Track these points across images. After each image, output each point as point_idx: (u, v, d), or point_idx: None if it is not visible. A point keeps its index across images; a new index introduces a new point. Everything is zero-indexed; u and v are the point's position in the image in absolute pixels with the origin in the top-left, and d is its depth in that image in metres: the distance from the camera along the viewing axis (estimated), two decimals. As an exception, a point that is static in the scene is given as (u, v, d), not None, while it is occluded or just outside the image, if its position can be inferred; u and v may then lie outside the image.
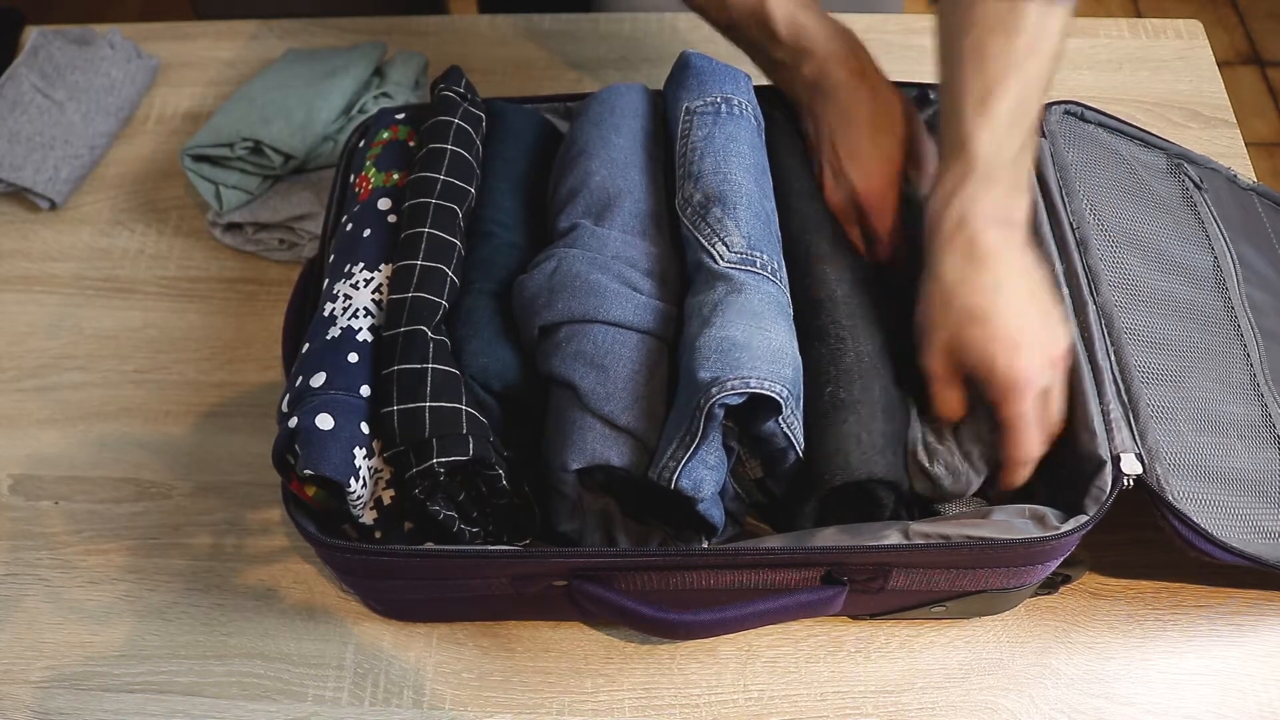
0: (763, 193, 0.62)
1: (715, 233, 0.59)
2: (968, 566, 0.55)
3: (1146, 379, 0.59)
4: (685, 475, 0.53)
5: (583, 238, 0.60)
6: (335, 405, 0.54)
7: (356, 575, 0.59)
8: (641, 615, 0.55)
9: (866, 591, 0.57)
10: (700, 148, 0.63)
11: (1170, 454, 0.56)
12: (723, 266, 0.57)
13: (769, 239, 0.60)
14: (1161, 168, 0.72)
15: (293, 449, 0.53)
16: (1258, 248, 0.71)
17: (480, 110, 0.68)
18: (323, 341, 0.58)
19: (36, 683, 0.63)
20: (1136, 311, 0.62)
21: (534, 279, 0.59)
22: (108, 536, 0.69)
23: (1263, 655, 0.62)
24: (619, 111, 0.67)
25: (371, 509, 0.56)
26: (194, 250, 0.82)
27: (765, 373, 0.52)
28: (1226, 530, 0.56)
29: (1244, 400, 0.62)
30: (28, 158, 0.84)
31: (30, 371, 0.77)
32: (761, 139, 0.66)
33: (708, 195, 0.60)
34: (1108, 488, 0.54)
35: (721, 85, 0.66)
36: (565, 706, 0.61)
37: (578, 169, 0.64)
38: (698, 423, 0.52)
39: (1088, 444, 0.56)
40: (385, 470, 0.56)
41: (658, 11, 0.95)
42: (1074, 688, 0.61)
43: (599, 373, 0.56)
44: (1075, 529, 0.53)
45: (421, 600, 0.61)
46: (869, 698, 0.61)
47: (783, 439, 0.54)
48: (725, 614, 0.55)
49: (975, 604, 0.60)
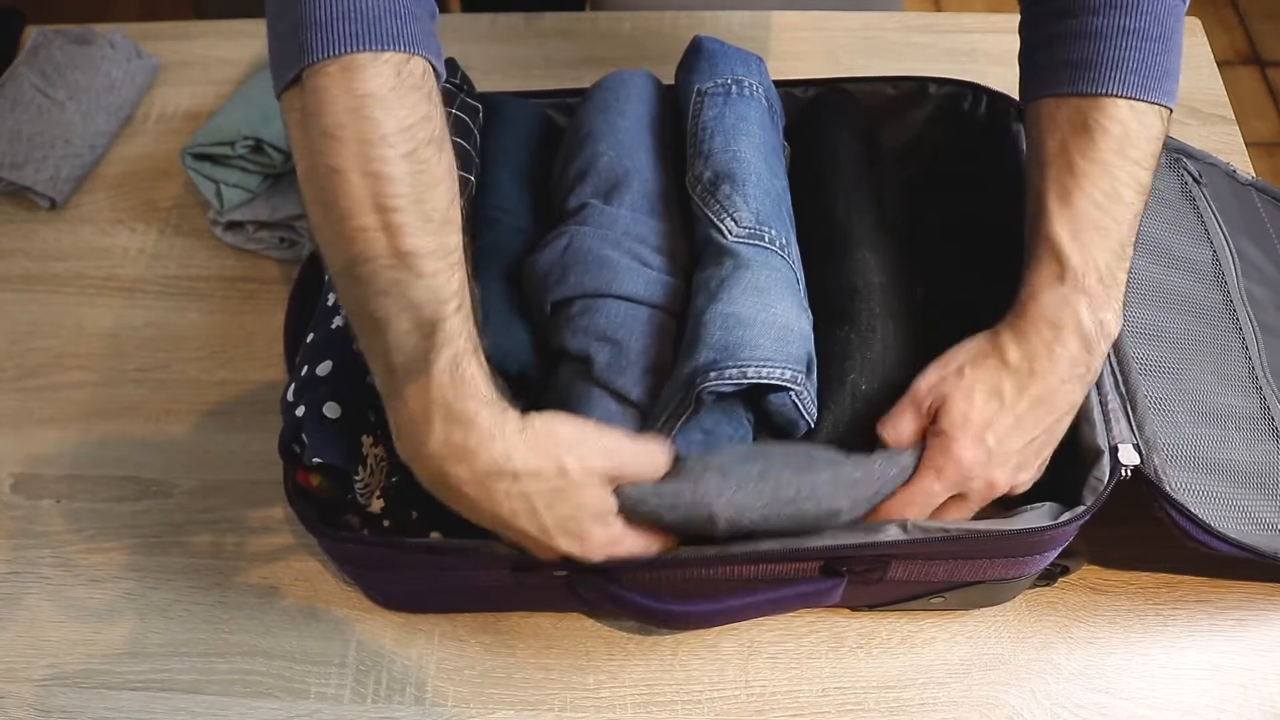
0: (772, 171, 0.63)
1: (724, 208, 0.59)
2: (966, 557, 0.55)
3: (1144, 371, 0.59)
4: (679, 440, 0.53)
5: (593, 216, 0.61)
6: (342, 394, 0.54)
7: (358, 566, 0.59)
8: (641, 606, 0.55)
9: (866, 583, 0.58)
10: (711, 127, 0.63)
11: (1168, 445, 0.56)
12: (731, 241, 0.58)
13: (778, 216, 0.60)
14: (1160, 162, 0.72)
15: (299, 438, 0.53)
16: (1257, 242, 0.72)
17: (476, 101, 0.69)
18: (327, 331, 0.58)
19: (38, 681, 0.63)
20: (1134, 304, 0.62)
21: (545, 256, 0.60)
22: (109, 535, 0.69)
23: (1264, 650, 0.62)
24: (624, 96, 0.68)
25: (379, 497, 0.56)
26: (194, 249, 0.83)
27: (769, 353, 0.52)
28: (1224, 521, 0.56)
29: (1242, 393, 0.62)
30: (28, 157, 0.84)
31: (31, 370, 0.77)
32: (773, 120, 0.66)
33: (717, 173, 0.61)
34: (1105, 478, 0.54)
35: (733, 67, 0.66)
36: (567, 703, 0.61)
37: (585, 151, 0.64)
38: (689, 400, 0.52)
39: (1086, 435, 0.56)
40: (388, 457, 0.56)
41: (657, 10, 0.95)
42: (1075, 682, 0.61)
43: (613, 347, 0.56)
44: (1072, 519, 0.53)
45: (423, 591, 0.61)
46: (870, 693, 0.61)
47: (792, 411, 0.54)
48: (725, 604, 0.55)
49: (974, 595, 0.60)
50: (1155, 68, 0.54)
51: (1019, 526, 0.54)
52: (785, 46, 0.92)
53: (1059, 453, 0.57)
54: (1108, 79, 0.53)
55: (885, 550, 0.54)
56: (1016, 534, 0.53)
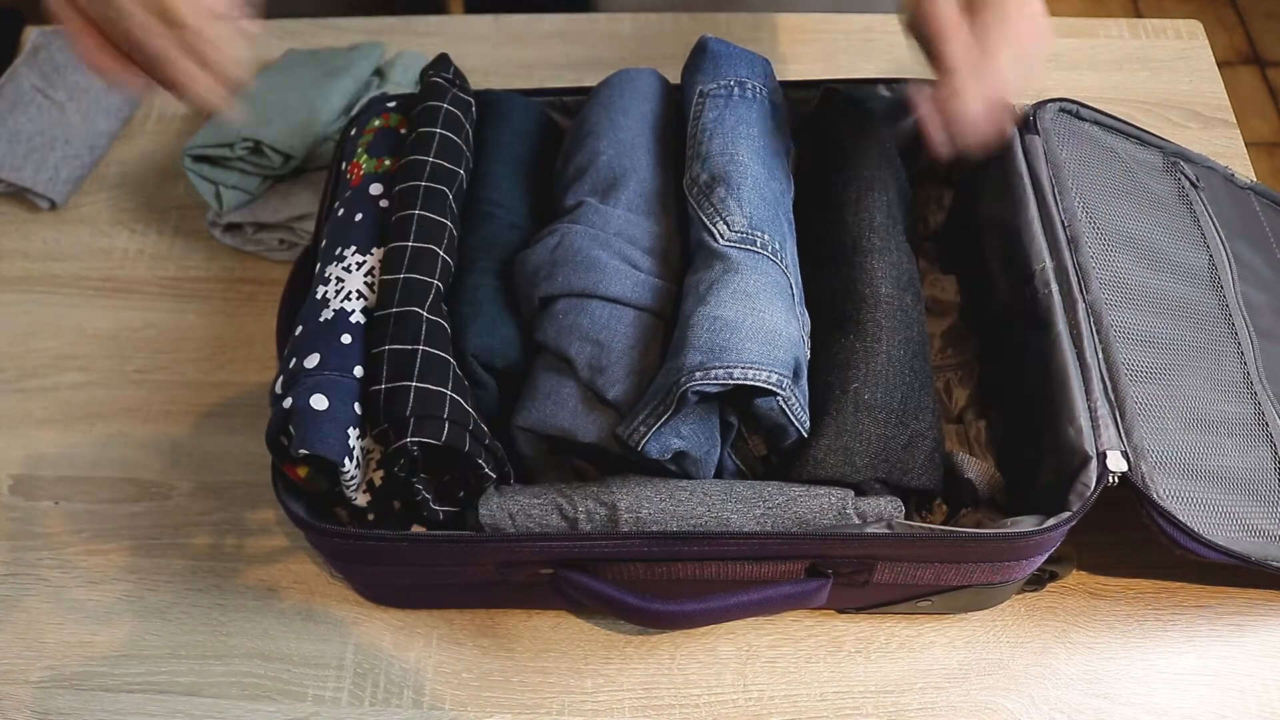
0: (771, 175, 0.62)
1: (718, 211, 0.59)
2: (952, 561, 0.55)
3: (1134, 376, 0.59)
4: (655, 440, 0.53)
5: (587, 214, 0.61)
6: (329, 386, 0.54)
7: (344, 560, 0.59)
8: (626, 605, 0.55)
9: (852, 584, 0.58)
10: (710, 129, 0.63)
11: (1156, 451, 0.56)
12: (722, 245, 0.58)
13: (774, 220, 0.60)
14: (1157, 166, 0.72)
15: (286, 430, 0.53)
16: (1254, 247, 0.71)
17: (469, 96, 0.69)
18: (316, 324, 0.58)
19: (36, 683, 0.63)
20: (1126, 309, 0.61)
21: (537, 253, 0.60)
22: (108, 536, 0.69)
23: (1263, 655, 0.62)
24: (629, 95, 0.68)
25: (365, 490, 0.57)
26: (194, 250, 0.82)
27: (755, 356, 0.52)
28: (1213, 529, 0.56)
29: (1236, 399, 0.62)
30: (28, 158, 0.84)
31: (30, 371, 0.77)
32: (778, 123, 0.66)
33: (713, 175, 0.61)
34: (1092, 484, 0.54)
35: (736, 69, 0.66)
36: (565, 706, 0.61)
37: (585, 148, 0.65)
38: (671, 399, 0.52)
39: (1073, 440, 0.56)
40: (375, 450, 0.57)
41: (658, 11, 0.95)
42: (1074, 688, 0.61)
43: (595, 347, 0.57)
44: (1057, 524, 0.53)
45: (409, 586, 0.61)
46: (869, 698, 0.61)
47: (780, 415, 0.54)
48: (709, 604, 0.55)
49: (961, 599, 0.60)
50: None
51: (1004, 531, 0.54)
52: (787, 48, 0.92)
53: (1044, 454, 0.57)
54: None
55: (871, 550, 0.54)
56: (1001, 538, 0.53)
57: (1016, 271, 0.64)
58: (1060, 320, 0.60)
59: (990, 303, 0.67)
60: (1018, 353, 0.63)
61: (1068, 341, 0.59)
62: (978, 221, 0.70)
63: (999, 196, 0.67)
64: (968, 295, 0.71)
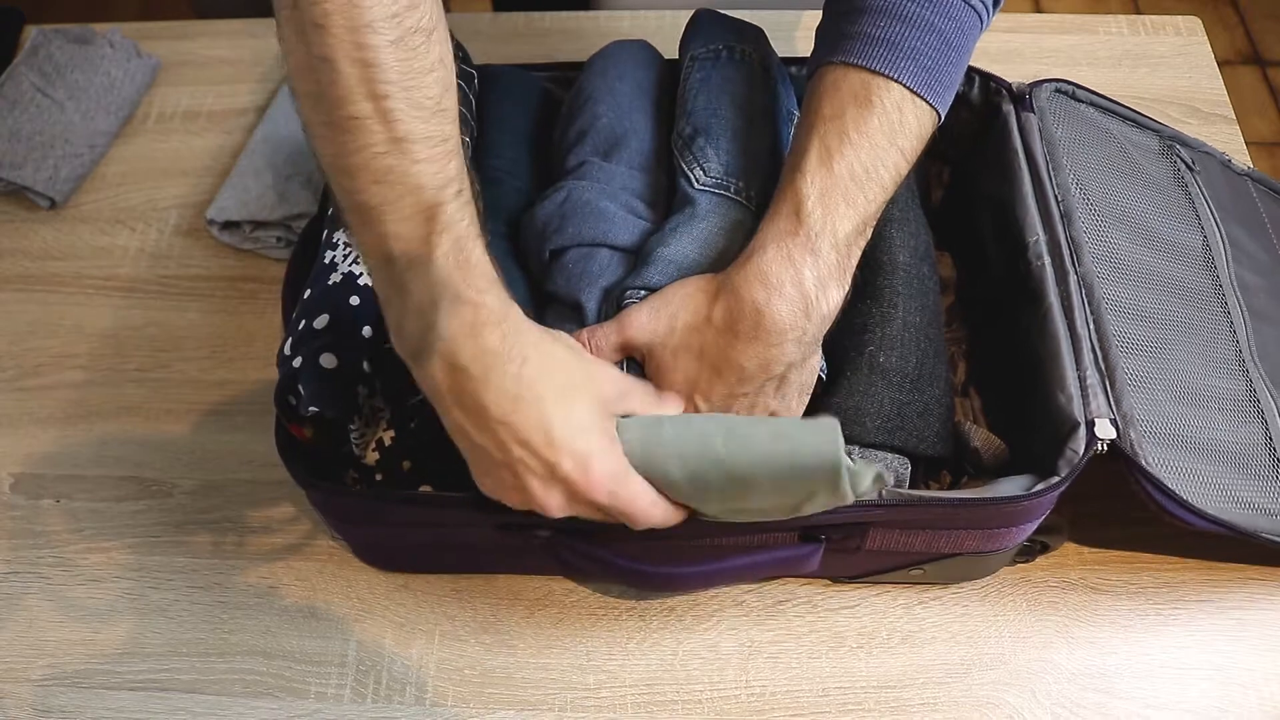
0: (756, 130, 0.64)
1: (695, 159, 0.62)
2: (942, 527, 0.56)
3: (1125, 349, 0.59)
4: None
5: (591, 171, 0.64)
6: (339, 345, 0.55)
7: (347, 521, 0.60)
8: (620, 568, 0.56)
9: (844, 550, 0.58)
10: (696, 88, 0.66)
11: (1146, 421, 0.56)
12: (695, 190, 0.60)
13: (753, 170, 0.62)
14: (1153, 148, 0.72)
15: (295, 389, 0.54)
16: (1250, 231, 0.71)
17: (471, 69, 0.71)
18: (324, 287, 0.59)
19: (38, 681, 0.63)
20: (1119, 283, 0.62)
21: (545, 208, 0.62)
22: (109, 535, 0.68)
23: (1265, 649, 0.62)
24: (624, 62, 0.70)
25: (373, 450, 0.57)
26: (194, 249, 0.82)
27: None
28: (1202, 499, 0.56)
29: (1228, 375, 0.62)
30: (28, 157, 0.84)
31: (31, 370, 0.77)
32: (768, 84, 0.67)
33: (695, 128, 0.63)
34: (1081, 450, 0.54)
35: (726, 35, 0.68)
36: (568, 703, 0.61)
37: (585, 113, 0.67)
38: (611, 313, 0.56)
39: (1063, 407, 0.56)
40: (386, 409, 0.57)
41: (657, 9, 0.95)
42: (1076, 682, 0.61)
43: (605, 294, 0.59)
44: (1046, 489, 0.53)
45: (409, 547, 0.62)
46: (871, 693, 0.61)
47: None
48: (702, 568, 0.56)
49: (954, 568, 0.60)
50: (944, 73, 0.55)
51: (993, 495, 0.54)
52: (786, 46, 0.92)
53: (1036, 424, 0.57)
54: (902, 66, 0.54)
55: (862, 516, 0.55)
56: (991, 502, 0.54)
57: (1010, 245, 0.64)
58: (1052, 292, 0.60)
59: (986, 277, 0.68)
60: (1011, 325, 0.64)
61: (1059, 313, 0.59)
62: (973, 198, 0.70)
63: (994, 172, 0.67)
64: (964, 271, 0.71)
